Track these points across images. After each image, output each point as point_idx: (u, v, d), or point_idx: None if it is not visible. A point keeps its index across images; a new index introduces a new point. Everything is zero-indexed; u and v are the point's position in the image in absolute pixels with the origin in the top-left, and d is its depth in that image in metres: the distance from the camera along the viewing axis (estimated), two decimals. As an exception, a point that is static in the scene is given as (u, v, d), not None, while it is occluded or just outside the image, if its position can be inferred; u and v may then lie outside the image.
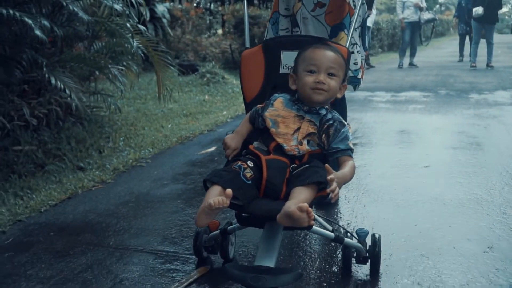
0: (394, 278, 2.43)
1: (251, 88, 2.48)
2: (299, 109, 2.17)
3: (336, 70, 2.14)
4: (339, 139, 2.12)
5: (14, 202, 3.59)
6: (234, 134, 2.28)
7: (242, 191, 1.95)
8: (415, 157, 4.49)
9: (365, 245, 2.42)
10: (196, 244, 2.57)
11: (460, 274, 2.44)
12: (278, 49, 2.45)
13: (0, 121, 4.36)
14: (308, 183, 1.91)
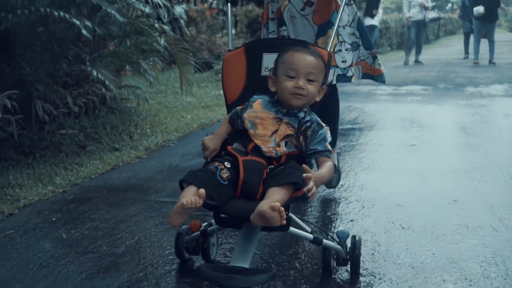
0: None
1: (232, 90, 2.49)
2: (277, 111, 2.20)
3: (315, 76, 2.19)
4: (316, 141, 2.15)
5: (66, 173, 4.37)
6: (213, 136, 2.31)
7: (218, 191, 1.98)
8: (405, 138, 5.26)
9: (345, 247, 2.46)
10: (177, 245, 2.60)
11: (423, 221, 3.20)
12: (260, 51, 2.47)
13: (48, 108, 5.16)
14: (283, 184, 1.96)
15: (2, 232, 3.11)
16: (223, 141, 2.30)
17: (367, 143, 5.04)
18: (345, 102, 7.23)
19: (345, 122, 6.01)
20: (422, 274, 2.50)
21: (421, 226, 3.06)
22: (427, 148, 4.86)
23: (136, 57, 5.78)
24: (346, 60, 3.23)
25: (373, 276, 2.49)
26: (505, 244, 2.81)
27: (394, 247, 2.80)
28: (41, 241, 2.97)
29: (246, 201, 2.01)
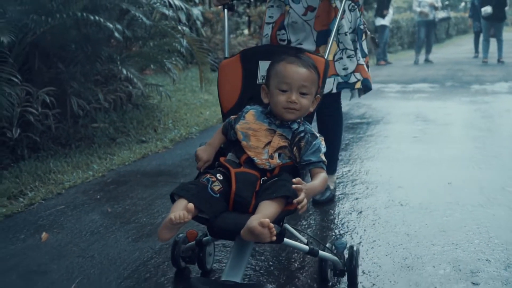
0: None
1: (228, 98, 2.46)
2: (271, 123, 2.19)
3: (308, 89, 2.16)
4: (310, 152, 2.14)
5: (101, 161, 4.87)
6: (206, 146, 2.29)
7: (209, 204, 1.96)
8: (409, 131, 5.74)
9: (342, 257, 2.43)
10: (173, 254, 2.60)
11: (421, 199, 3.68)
12: (256, 59, 2.44)
13: (82, 104, 5.67)
14: (275, 197, 1.93)
15: (54, 208, 3.63)
16: (218, 151, 2.30)
17: (373, 135, 5.52)
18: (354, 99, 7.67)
19: (353, 117, 6.50)
20: (415, 239, 2.98)
21: (417, 203, 3.53)
22: (429, 139, 5.33)
23: (161, 57, 6.29)
24: (348, 67, 3.21)
25: (374, 241, 2.97)
26: (490, 218, 3.28)
27: (392, 220, 3.27)
28: (90, 214, 3.49)
29: (238, 215, 1.98)
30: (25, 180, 4.24)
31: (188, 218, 1.85)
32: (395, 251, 2.84)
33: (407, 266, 2.66)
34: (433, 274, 2.57)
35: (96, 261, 2.81)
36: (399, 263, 2.70)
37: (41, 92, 5.19)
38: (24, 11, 5.11)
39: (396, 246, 2.90)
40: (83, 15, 4.96)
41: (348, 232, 3.10)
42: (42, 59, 5.54)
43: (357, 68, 3.27)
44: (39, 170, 4.50)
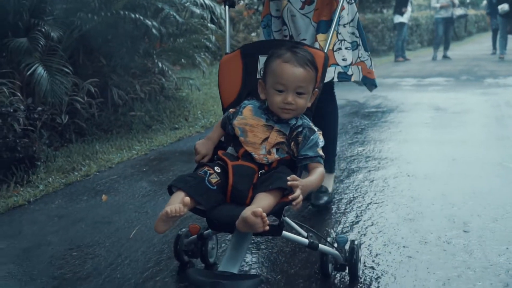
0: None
1: (228, 93, 2.47)
2: (268, 119, 2.19)
3: (305, 88, 2.15)
4: (308, 146, 2.15)
5: (141, 144, 5.48)
6: (205, 140, 2.32)
7: (206, 196, 1.98)
8: (420, 118, 6.28)
9: (343, 252, 2.47)
10: (176, 248, 2.65)
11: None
12: (256, 54, 2.44)
13: (122, 94, 6.29)
14: (271, 189, 1.95)
15: (108, 178, 4.24)
16: (219, 145, 2.32)
17: (387, 121, 6.06)
18: (372, 91, 8.24)
19: (369, 107, 7.05)
20: (418, 201, 3.53)
21: (422, 174, 4.08)
22: (438, 125, 5.87)
23: (192, 52, 6.90)
24: (346, 58, 3.23)
25: (382, 202, 3.52)
26: (484, 185, 3.81)
27: (399, 186, 3.82)
28: (139, 182, 4.09)
29: (234, 206, 2.00)
30: (76, 159, 4.85)
31: (183, 211, 1.88)
32: (400, 209, 3.39)
33: (409, 219, 3.21)
34: (430, 225, 3.12)
35: (150, 215, 3.41)
36: (403, 217, 3.25)
37: (86, 83, 5.82)
38: (69, 10, 5.74)
39: (401, 205, 3.45)
40: (125, 13, 5.57)
41: (360, 195, 3.66)
42: (86, 53, 6.17)
43: (356, 62, 3.30)
44: (87, 151, 5.11)
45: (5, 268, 2.76)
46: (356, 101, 7.39)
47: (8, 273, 2.71)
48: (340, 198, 3.63)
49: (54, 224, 3.33)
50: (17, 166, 4.44)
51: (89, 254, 2.89)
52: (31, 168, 4.52)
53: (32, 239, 3.12)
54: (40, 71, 5.04)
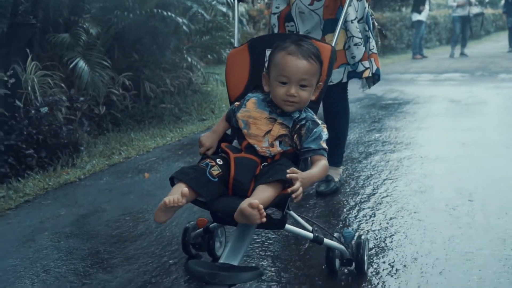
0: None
1: (235, 87, 2.46)
2: (271, 112, 2.20)
3: (308, 81, 2.15)
4: (311, 139, 2.15)
5: (172, 133, 5.92)
6: (210, 133, 2.35)
7: (206, 188, 2.00)
8: (435, 108, 6.69)
9: (350, 247, 2.46)
10: (183, 241, 2.69)
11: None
12: (263, 47, 2.42)
13: (153, 88, 6.76)
14: (271, 181, 1.97)
15: (147, 159, 4.70)
16: (223, 139, 2.35)
17: (402, 112, 6.47)
18: (388, 85, 8.68)
19: (386, 99, 7.46)
20: (429, 177, 3.93)
21: (434, 156, 4.48)
22: (452, 114, 6.28)
23: (219, 48, 7.36)
24: (355, 55, 3.24)
25: (396, 178, 3.93)
26: (490, 164, 4.20)
27: (412, 165, 4.23)
28: (176, 162, 4.55)
29: (235, 198, 2.00)
30: (114, 146, 5.32)
31: (182, 202, 1.90)
32: (412, 183, 3.80)
33: (420, 192, 3.62)
34: (439, 196, 3.53)
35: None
36: (415, 190, 3.66)
37: (121, 76, 6.29)
38: (106, 8, 6.22)
39: (413, 180, 3.86)
40: (157, 11, 6.03)
41: (376, 173, 4.07)
42: (120, 49, 6.64)
43: (365, 56, 3.30)
44: (123, 139, 5.58)
45: (67, 229, 3.22)
46: (373, 95, 7.78)
47: (71, 233, 3.17)
48: (358, 175, 4.04)
49: (105, 196, 3.79)
50: (62, 151, 4.91)
51: (140, 218, 3.34)
52: (74, 152, 5.00)
53: (88, 207, 3.58)
54: (82, 64, 5.52)
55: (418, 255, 2.69)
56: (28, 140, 4.75)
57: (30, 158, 4.66)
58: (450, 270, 2.52)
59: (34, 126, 4.81)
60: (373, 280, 2.46)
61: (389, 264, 2.60)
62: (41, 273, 2.69)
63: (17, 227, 3.32)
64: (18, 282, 2.61)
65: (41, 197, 3.84)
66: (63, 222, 3.34)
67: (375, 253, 2.73)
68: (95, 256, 2.85)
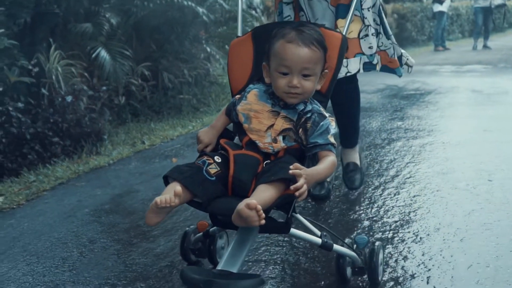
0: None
1: (238, 79, 2.42)
2: (274, 104, 2.15)
3: (311, 70, 2.10)
4: (317, 133, 2.10)
5: (192, 123, 6.33)
6: (208, 128, 2.31)
7: (203, 188, 1.96)
8: (456, 98, 7.11)
9: (363, 254, 2.41)
10: (182, 246, 2.63)
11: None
12: (268, 37, 2.27)
13: (171, 78, 7.18)
14: (273, 180, 1.92)
15: (172, 146, 5.12)
16: (224, 134, 2.31)
17: (424, 101, 6.86)
18: (409, 77, 8.95)
19: (408, 90, 7.85)
20: (451, 160, 4.30)
21: (456, 141, 4.85)
22: (473, 103, 6.69)
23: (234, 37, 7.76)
24: (373, 46, 3.14)
25: (419, 162, 4.30)
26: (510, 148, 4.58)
27: (435, 150, 4.61)
28: (201, 149, 4.94)
29: (234, 199, 1.93)
30: (135, 135, 5.74)
31: (175, 202, 1.85)
32: (434, 166, 4.18)
33: (442, 173, 4.00)
34: (460, 176, 3.90)
35: (217, 171, 4.26)
36: (437, 171, 4.04)
37: (140, 66, 6.70)
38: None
39: (435, 164, 4.24)
40: (179, 0, 6.45)
41: (399, 157, 4.45)
42: (138, 39, 7.05)
43: (376, 51, 3.21)
44: (144, 129, 6.01)
45: (106, 207, 3.63)
46: (395, 85, 8.15)
47: (110, 210, 3.58)
48: (381, 159, 4.42)
49: (137, 178, 4.20)
50: (85, 140, 5.33)
51: (173, 197, 3.75)
52: (98, 141, 5.41)
53: (122, 188, 3.99)
54: (104, 54, 5.94)
55: (441, 226, 3.07)
56: (54, 128, 5.17)
57: (56, 146, 5.09)
58: (470, 238, 2.90)
59: (60, 114, 5.24)
60: (399, 247, 2.84)
61: (413, 234, 2.99)
62: (88, 243, 3.09)
63: (56, 205, 3.72)
64: (65, 252, 3.01)
65: (74, 180, 4.25)
66: (101, 200, 3.75)
67: (400, 224, 3.12)
68: (136, 229, 3.26)
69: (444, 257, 2.69)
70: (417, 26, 17.14)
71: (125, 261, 2.86)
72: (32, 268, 2.82)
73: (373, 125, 5.56)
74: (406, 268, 2.61)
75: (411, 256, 2.73)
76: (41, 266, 2.84)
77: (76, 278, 2.70)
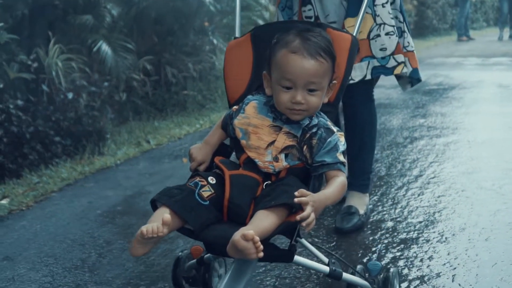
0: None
1: (235, 86, 2.39)
2: (275, 118, 2.11)
3: (317, 84, 2.05)
4: (324, 151, 2.06)
5: (199, 121, 6.62)
6: (202, 144, 2.27)
7: (195, 214, 1.93)
8: (482, 93, 7.48)
9: (376, 282, 2.39)
10: (175, 273, 2.57)
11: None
12: (270, 38, 2.20)
13: (174, 73, 7.48)
14: (274, 205, 1.88)
15: (181, 145, 5.43)
16: (220, 150, 2.29)
17: (448, 97, 7.19)
18: (431, 70, 9.40)
19: (430, 85, 8.17)
20: (476, 160, 4.60)
21: (481, 140, 5.16)
22: (500, 99, 7.06)
23: (245, 29, 8.07)
24: (386, 47, 3.07)
25: (444, 161, 4.60)
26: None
27: (459, 149, 4.91)
28: (213, 148, 5.25)
29: (230, 226, 1.93)
30: (138, 134, 6.04)
31: (163, 232, 1.83)
32: (459, 166, 4.48)
33: (468, 173, 4.29)
34: (486, 176, 4.19)
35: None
36: (462, 171, 4.34)
37: (142, 60, 7.01)
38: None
39: (460, 163, 4.54)
40: (184, -11, 6.76)
41: (423, 156, 4.75)
42: (140, 31, 7.35)
43: (399, 48, 3.14)
44: (147, 127, 6.32)
45: (119, 208, 3.93)
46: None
47: (123, 211, 3.88)
48: (404, 159, 4.72)
49: (147, 179, 4.51)
50: (87, 139, 5.63)
51: (188, 198, 4.05)
52: (100, 141, 5.71)
53: (133, 189, 4.29)
54: (105, 48, 6.24)
55: (466, 226, 3.36)
56: (54, 127, 5.46)
57: (57, 146, 5.38)
58: (495, 238, 3.19)
59: (61, 112, 5.53)
60: (424, 247, 3.13)
61: (438, 234, 3.28)
62: (105, 245, 3.39)
63: (66, 207, 4.02)
64: (83, 253, 3.30)
65: (82, 181, 4.56)
66: (113, 202, 4.05)
67: (424, 225, 3.41)
68: (153, 231, 3.55)
69: (469, 256, 2.98)
70: (438, 13, 17.37)
71: (145, 262, 3.14)
72: (51, 269, 3.11)
73: (393, 122, 5.87)
74: (432, 267, 2.90)
75: (437, 256, 3.01)
76: (60, 267, 3.13)
77: (98, 278, 2.99)
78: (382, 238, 3.26)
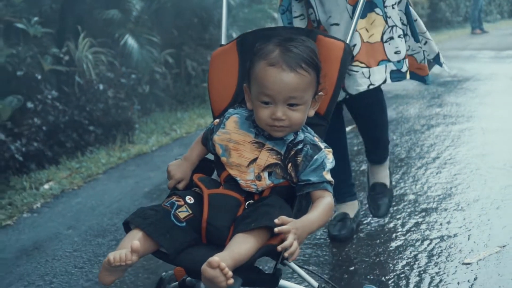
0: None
1: (220, 97, 2.38)
2: (258, 134, 2.09)
3: (299, 99, 2.01)
4: (310, 169, 2.04)
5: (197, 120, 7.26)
6: (181, 161, 2.27)
7: (170, 236, 1.93)
8: (495, 86, 8.20)
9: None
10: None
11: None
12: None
13: (194, 65, 8.18)
14: (253, 228, 1.87)
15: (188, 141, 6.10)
16: (202, 166, 2.28)
17: (463, 88, 7.93)
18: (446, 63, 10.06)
19: (445, 77, 8.89)
20: (490, 144, 5.29)
21: (495, 127, 5.84)
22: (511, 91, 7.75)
23: (264, 22, 8.79)
24: (400, 50, 3.05)
25: (458, 146, 5.30)
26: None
27: (474, 135, 5.61)
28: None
29: (207, 249, 1.93)
30: (164, 125, 6.73)
31: (131, 260, 1.82)
32: (474, 149, 5.17)
33: (481, 155, 4.99)
34: (499, 157, 4.87)
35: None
36: (476, 154, 5.03)
37: (164, 53, 7.70)
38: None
39: (475, 147, 5.24)
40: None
41: (439, 141, 5.45)
42: (160, 25, 8.05)
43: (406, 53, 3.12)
44: (171, 119, 7.01)
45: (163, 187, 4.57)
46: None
47: (168, 189, 4.57)
48: (422, 144, 5.42)
49: (184, 163, 5.19)
50: (116, 129, 6.31)
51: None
52: (129, 130, 6.40)
53: (173, 171, 4.98)
54: (131, 42, 6.93)
55: (479, 197, 4.05)
56: (88, 117, 6.15)
57: (91, 134, 6.07)
58: (505, 206, 3.88)
59: (93, 103, 6.22)
60: (442, 214, 3.82)
61: (455, 204, 3.97)
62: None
63: (115, 186, 4.73)
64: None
65: (123, 165, 5.27)
66: (157, 182, 4.75)
67: (442, 197, 4.10)
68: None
69: (482, 221, 3.67)
70: (451, 6, 17.90)
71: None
72: (115, 236, 3.82)
73: (410, 111, 6.58)
74: (450, 229, 3.59)
75: (454, 221, 3.71)
76: (123, 234, 3.71)
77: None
78: (405, 208, 3.95)
